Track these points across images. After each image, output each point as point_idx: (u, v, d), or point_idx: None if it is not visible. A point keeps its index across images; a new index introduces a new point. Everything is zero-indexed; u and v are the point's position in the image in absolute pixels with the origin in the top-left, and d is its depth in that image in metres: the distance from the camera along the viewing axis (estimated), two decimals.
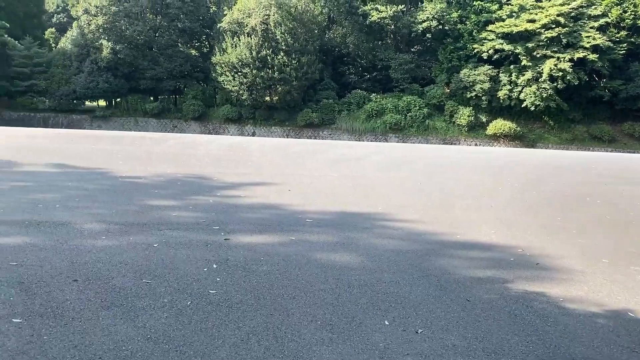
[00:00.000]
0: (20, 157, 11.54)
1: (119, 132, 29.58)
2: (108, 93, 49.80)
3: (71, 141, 17.64)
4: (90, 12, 47.28)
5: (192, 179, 9.58)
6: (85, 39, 48.91)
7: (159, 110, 50.28)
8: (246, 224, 6.06)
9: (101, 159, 12.09)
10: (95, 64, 48.40)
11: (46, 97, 50.24)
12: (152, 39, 49.30)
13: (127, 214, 6.26)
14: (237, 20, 43.12)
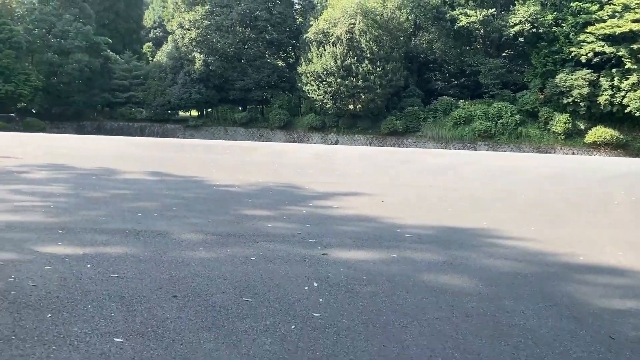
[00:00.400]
0: (120, 165, 12.01)
1: (211, 140, 30.57)
2: (200, 103, 51.95)
3: (167, 150, 18.32)
4: (184, 27, 49.56)
5: (283, 188, 9.46)
6: (180, 52, 51.33)
7: (247, 119, 51.69)
8: (343, 238, 5.76)
9: (196, 167, 12.34)
10: (188, 75, 50.64)
11: (143, 108, 53.24)
12: (242, 50, 50.82)
13: (224, 224, 6.16)
14: (323, 30, 43.39)
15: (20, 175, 9.37)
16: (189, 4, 49.89)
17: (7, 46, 43.63)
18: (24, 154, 13.55)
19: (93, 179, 9.53)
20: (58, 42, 49.52)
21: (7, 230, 5.37)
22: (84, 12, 51.28)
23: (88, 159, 12.88)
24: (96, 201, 7.30)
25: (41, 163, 11.43)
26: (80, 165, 11.36)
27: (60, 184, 8.65)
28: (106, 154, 14.89)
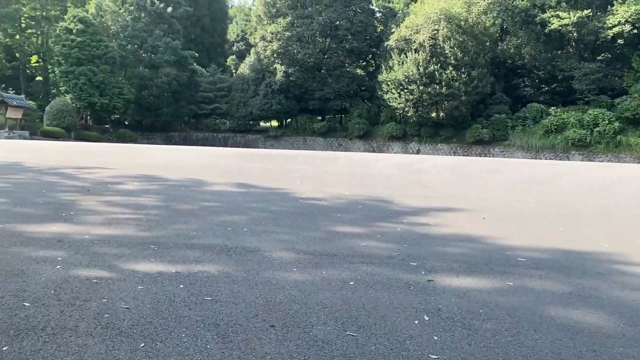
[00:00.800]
0: (207, 176, 12.08)
1: (292, 150, 30.78)
2: (280, 114, 52.77)
3: (250, 160, 18.46)
4: (266, 39, 50.59)
5: (371, 201, 9.02)
6: (261, 64, 52.44)
7: (325, 129, 51.81)
8: (447, 261, 5.22)
9: (280, 178, 12.20)
10: (269, 87, 51.59)
11: (227, 119, 54.84)
12: (322, 60, 51.11)
13: (315, 242, 5.81)
14: (405, 37, 42.71)
15: (114, 187, 9.56)
16: (271, 16, 50.93)
17: (103, 61, 46.44)
18: (118, 164, 14.02)
19: (182, 190, 9.56)
20: (149, 57, 52.17)
21: (101, 245, 5.31)
22: (173, 28, 53.70)
23: (177, 170, 13.10)
24: (186, 214, 7.21)
25: (134, 174, 11.70)
26: (170, 177, 11.52)
27: (152, 196, 8.70)
28: (194, 165, 15.14)
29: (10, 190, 8.63)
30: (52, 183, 9.73)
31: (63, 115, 42.91)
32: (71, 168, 12.37)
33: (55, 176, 10.74)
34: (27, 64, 57.80)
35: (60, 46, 45.65)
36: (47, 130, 41.92)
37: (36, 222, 6.34)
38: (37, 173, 11.09)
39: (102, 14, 51.85)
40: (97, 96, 45.75)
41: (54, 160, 14.45)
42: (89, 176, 10.94)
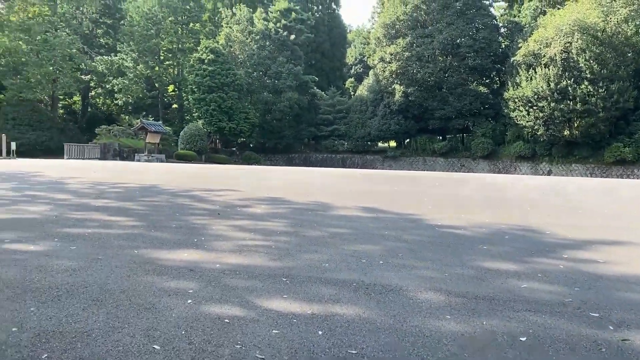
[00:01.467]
0: (333, 198, 11.71)
1: (415, 172, 29.87)
2: (399, 134, 51.98)
3: (373, 182, 17.92)
4: (385, 60, 50.32)
5: (519, 231, 7.98)
6: (380, 85, 52.23)
7: (447, 149, 50.12)
8: (637, 312, 4.18)
9: (409, 202, 11.49)
10: (388, 107, 51.15)
11: (345, 140, 55.19)
12: (442, 79, 49.71)
13: (464, 281, 5.03)
14: (533, 52, 40.19)
15: (242, 210, 9.46)
16: (390, 37, 50.67)
17: (231, 88, 49.03)
18: (245, 187, 14.18)
19: (309, 214, 9.21)
20: (272, 83, 54.27)
21: (232, 275, 4.99)
22: (295, 54, 55.50)
23: (302, 193, 12.91)
24: (316, 241, 6.77)
25: (260, 197, 11.65)
26: (296, 199, 11.30)
27: (279, 220, 8.43)
28: (317, 187, 14.91)
29: (146, 214, 8.82)
30: (184, 206, 9.87)
31: (195, 139, 45.76)
32: (202, 190, 12.65)
33: (187, 198, 10.96)
34: (165, 93, 62.89)
35: (194, 75, 49.01)
36: (181, 154, 44.90)
37: (169, 247, 6.24)
38: (171, 195, 11.42)
39: (230, 44, 55.03)
40: (225, 121, 48.31)
41: (187, 183, 14.98)
42: (218, 199, 11.04)
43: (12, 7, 48.90)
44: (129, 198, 10.68)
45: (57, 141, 46.49)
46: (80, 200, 10.19)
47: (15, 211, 8.57)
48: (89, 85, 60.04)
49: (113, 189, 12.52)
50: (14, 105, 47.09)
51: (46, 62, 47.28)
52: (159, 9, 54.99)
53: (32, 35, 47.09)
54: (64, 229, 7.17)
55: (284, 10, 56.16)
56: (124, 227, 7.54)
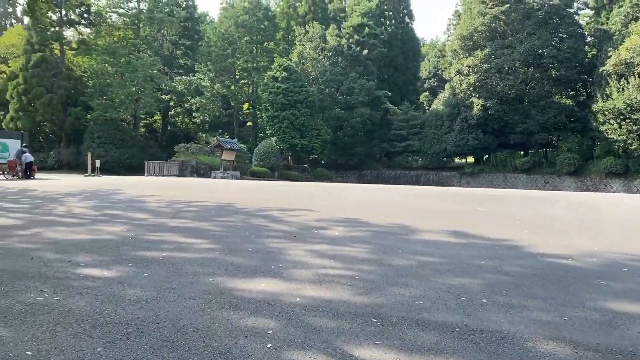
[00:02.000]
0: (414, 220, 10.96)
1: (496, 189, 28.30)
2: (477, 149, 50.07)
3: (454, 201, 16.94)
4: (462, 72, 48.82)
5: (637, 262, 6.91)
6: (457, 99, 50.70)
7: (529, 165, 47.74)
8: None
9: (499, 225, 10.53)
10: (465, 121, 49.46)
11: (419, 156, 53.88)
12: (524, 91, 47.57)
13: (591, 328, 4.18)
14: (625, 61, 37.55)
15: (320, 232, 8.94)
16: (467, 49, 49.19)
17: (304, 105, 49.28)
18: (320, 206, 13.70)
19: (391, 239, 8.53)
20: (344, 99, 54.07)
21: (314, 313, 4.42)
22: (368, 69, 55.11)
23: (379, 213, 12.25)
24: (404, 272, 6.09)
25: (337, 217, 11.11)
26: (375, 221, 10.65)
27: (360, 245, 7.82)
28: (394, 207, 14.19)
29: (222, 235, 8.50)
30: (259, 227, 9.50)
31: (268, 156, 46.24)
32: (277, 210, 12.29)
33: (262, 219, 10.60)
34: (240, 111, 64.40)
35: (267, 93, 49.75)
36: (255, 170, 45.47)
37: (245, 275, 5.79)
38: (246, 215, 11.12)
39: (303, 61, 55.53)
40: (298, 138, 48.55)
41: (261, 201, 14.72)
42: (294, 219, 10.60)
43: (100, 31, 51.94)
44: (204, 218, 10.47)
45: (139, 158, 48.51)
46: (156, 219, 10.07)
47: (94, 231, 8.50)
48: (168, 105, 62.55)
49: (189, 207, 12.42)
50: (99, 124, 49.74)
51: (129, 83, 49.67)
52: (235, 29, 56.53)
53: (116, 57, 49.70)
54: (139, 252, 6.93)
55: (356, 26, 56.06)
56: (199, 250, 7.21)
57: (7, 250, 6.93)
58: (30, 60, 49.51)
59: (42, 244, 7.34)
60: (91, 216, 10.32)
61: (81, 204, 12.46)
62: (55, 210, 11.08)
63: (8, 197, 14.12)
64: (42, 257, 6.54)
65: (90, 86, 50.63)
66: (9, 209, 11.26)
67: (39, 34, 50.27)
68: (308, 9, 65.75)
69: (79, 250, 6.99)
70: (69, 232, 8.32)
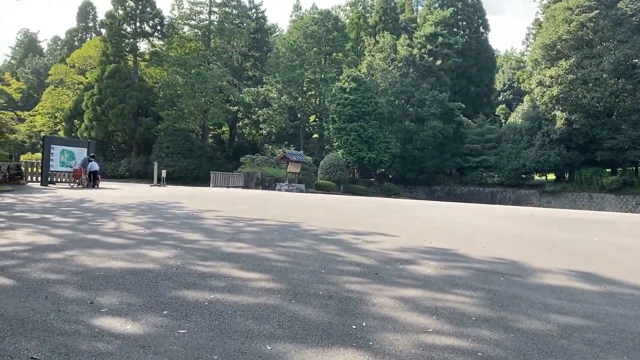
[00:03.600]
0: (521, 254, 8.91)
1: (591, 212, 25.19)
2: (559, 166, 46.36)
3: (550, 225, 14.58)
4: (544, 84, 45.46)
5: None
6: (537, 112, 47.30)
7: (618, 185, 43.59)
8: None
9: (635, 264, 8.30)
10: (547, 136, 45.98)
11: (494, 172, 50.62)
12: (613, 104, 43.63)
13: None
14: None
15: (406, 268, 7.12)
16: (550, 59, 45.83)
17: (372, 117, 47.51)
18: (398, 228, 11.85)
19: (502, 282, 6.59)
20: (415, 111, 51.84)
21: None
22: (440, 80, 52.65)
23: (473, 241, 10.25)
24: (545, 345, 4.20)
25: (422, 246, 9.24)
26: (471, 253, 8.69)
27: (465, 291, 5.93)
28: (485, 232, 12.10)
29: (285, 268, 6.86)
30: (330, 257, 7.80)
31: (334, 169, 44.74)
32: (349, 233, 10.57)
33: (333, 245, 8.90)
34: (306, 122, 63.48)
35: (335, 104, 48.39)
36: (320, 184, 44.06)
37: (316, 341, 4.10)
38: (314, 239, 9.47)
39: (372, 72, 53.88)
40: (365, 151, 46.79)
41: (329, 220, 13.05)
42: (370, 247, 8.85)
43: (172, 43, 52.63)
44: (265, 242, 8.90)
45: (206, 169, 48.40)
46: (210, 242, 8.60)
47: (134, 257, 7.11)
48: (236, 116, 62.62)
49: (249, 227, 10.93)
50: (169, 134, 50.14)
51: (199, 94, 49.84)
52: (304, 40, 55.77)
53: (187, 68, 50.06)
54: (180, 292, 5.40)
55: (429, 35, 53.87)
56: (256, 291, 5.59)
57: (23, 281, 5.59)
58: (105, 71, 50.82)
59: (67, 274, 5.98)
60: (138, 236, 9.01)
61: (133, 220, 11.26)
62: (102, 227, 9.89)
63: (61, 208, 13.23)
64: (60, 295, 5.14)
65: (161, 97, 51.27)
66: (54, 224, 10.19)
67: (114, 46, 51.58)
68: (379, 19, 64.17)
69: (108, 285, 5.56)
70: (106, 258, 6.96)
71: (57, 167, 25.73)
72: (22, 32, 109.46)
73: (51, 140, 26.87)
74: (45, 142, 25.81)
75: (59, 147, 25.93)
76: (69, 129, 55.73)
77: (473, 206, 24.26)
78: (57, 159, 25.54)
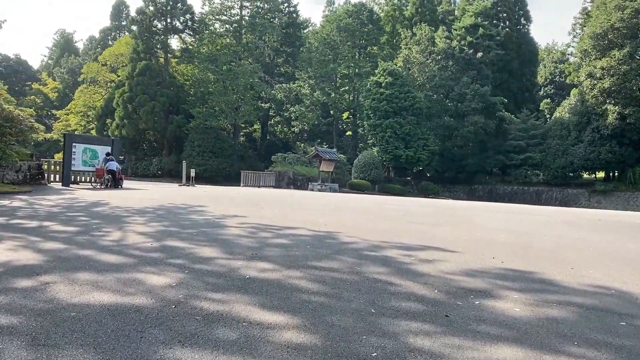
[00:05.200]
0: (622, 276, 6.95)
1: None
2: (611, 164, 43.27)
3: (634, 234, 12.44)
4: (595, 76, 42.42)
5: None
6: (586, 106, 44.25)
7: None
8: None
9: None
10: (597, 132, 42.97)
11: (540, 170, 47.79)
12: None
13: None
14: None
15: (483, 305, 5.29)
16: (601, 49, 42.75)
17: (410, 113, 45.35)
18: (454, 240, 9.97)
19: (628, 331, 4.69)
20: (455, 106, 49.39)
21: None
22: (481, 74, 50.05)
23: (554, 259, 8.31)
24: None
25: (493, 266, 7.38)
26: (559, 277, 6.78)
27: (589, 355, 4.06)
28: (563, 244, 10.11)
29: (322, 305, 5.14)
30: (380, 286, 6.04)
31: (369, 168, 42.84)
32: (397, 247, 8.77)
33: (380, 266, 7.13)
34: (339, 119, 61.66)
35: (370, 100, 46.42)
36: (355, 183, 42.24)
37: None
38: (355, 257, 7.71)
39: (409, 66, 51.66)
40: (402, 148, 44.72)
41: (371, 229, 11.28)
42: (427, 268, 7.04)
43: (202, 39, 51.56)
44: (296, 260, 7.20)
45: (237, 168, 47.18)
46: (228, 261, 6.94)
47: (126, 285, 5.50)
48: (268, 113, 61.29)
49: (278, 238, 9.24)
50: (199, 132, 49.10)
51: (230, 91, 48.63)
52: (337, 34, 53.94)
53: (218, 65, 48.89)
54: (171, 352, 3.72)
55: (469, 27, 51.28)
56: (281, 349, 3.87)
57: None
58: (135, 68, 50.13)
59: (26, 316, 4.38)
60: (142, 251, 7.42)
61: (143, 228, 9.73)
62: (103, 239, 8.36)
63: (68, 213, 11.83)
64: None
65: (192, 94, 50.30)
66: (49, 235, 8.73)
67: (144, 42, 50.85)
68: (415, 11, 61.72)
69: (73, 337, 3.93)
70: (89, 287, 5.37)
71: (79, 166, 24.67)
72: (59, 33, 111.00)
73: (72, 138, 25.81)
74: (67, 140, 24.71)
75: (81, 146, 24.85)
76: (100, 127, 55.37)
77: (527, 209, 22.01)
78: (80, 157, 24.47)
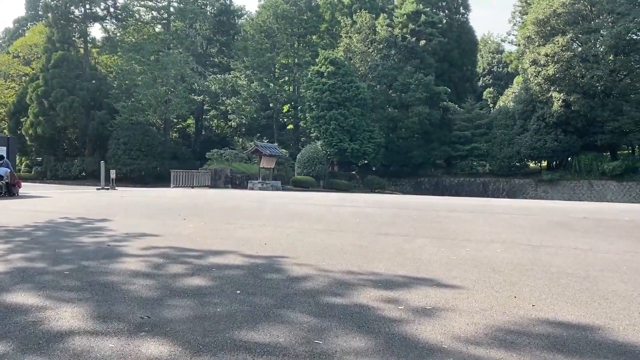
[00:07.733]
0: None
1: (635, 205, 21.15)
2: (557, 152, 42.75)
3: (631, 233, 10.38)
4: (539, 63, 41.64)
5: None
6: (531, 94, 43.51)
7: (620, 170, 40.20)
8: None
9: None
10: (542, 120, 42.28)
11: (486, 161, 46.85)
12: (613, 83, 40.12)
13: None
14: None
15: None
16: (544, 36, 42.03)
17: (354, 104, 43.11)
18: (454, 267, 7.40)
19: None
20: (398, 96, 47.63)
21: None
22: (425, 62, 48.53)
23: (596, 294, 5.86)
24: None
25: (531, 319, 4.80)
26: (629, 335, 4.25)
27: None
28: (584, 262, 7.76)
29: None
30: None
31: (314, 163, 40.29)
32: (372, 285, 6.11)
33: (356, 335, 4.48)
34: (280, 112, 58.70)
35: (312, 91, 43.81)
36: (298, 179, 39.56)
37: None
38: (314, 314, 5.00)
39: (350, 55, 49.40)
40: (347, 141, 42.42)
41: (331, 246, 8.55)
42: (430, 332, 4.41)
43: (127, 27, 47.16)
44: (213, 331, 4.35)
45: (169, 167, 43.26)
46: (89, 343, 3.97)
47: None
48: (202, 107, 57.45)
49: (194, 276, 6.27)
50: (125, 129, 44.78)
51: (158, 83, 44.59)
52: (275, 21, 50.91)
53: (144, 55, 44.71)
54: None
55: (411, 13, 49.62)
56: None
57: None
58: (50, 59, 45.11)
59: None
60: None
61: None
62: None
63: None
64: None
65: (116, 87, 45.91)
66: None
67: (60, 31, 45.90)
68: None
69: None
70: None
71: None
72: None
73: None
74: None
75: None
76: (13, 126, 49.77)
77: (497, 206, 19.92)
78: None
